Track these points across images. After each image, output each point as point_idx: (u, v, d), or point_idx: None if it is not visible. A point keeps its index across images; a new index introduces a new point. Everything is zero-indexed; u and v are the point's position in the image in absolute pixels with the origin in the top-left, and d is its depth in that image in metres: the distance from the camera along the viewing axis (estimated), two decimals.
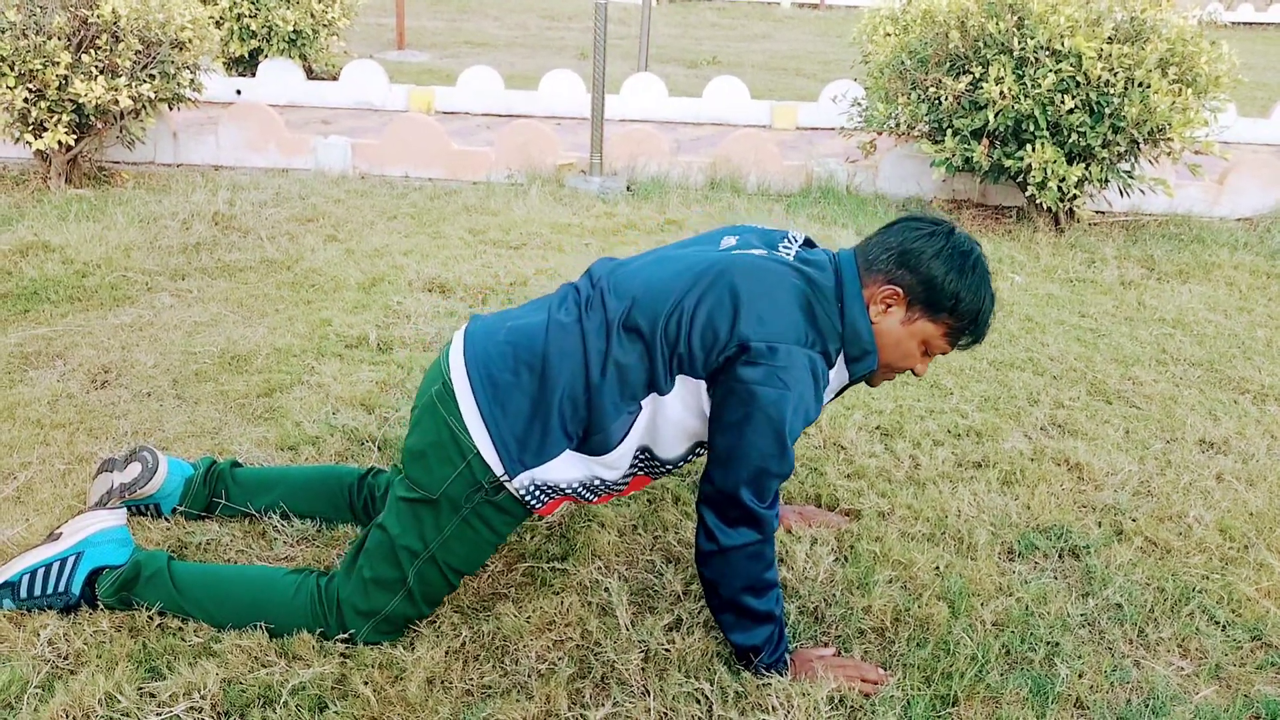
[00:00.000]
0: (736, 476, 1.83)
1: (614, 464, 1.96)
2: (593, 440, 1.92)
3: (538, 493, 1.96)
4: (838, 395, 2.08)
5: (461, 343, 2.01)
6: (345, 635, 1.97)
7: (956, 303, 1.90)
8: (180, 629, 1.98)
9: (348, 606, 1.96)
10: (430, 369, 2.08)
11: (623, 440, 1.92)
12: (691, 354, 1.86)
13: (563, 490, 1.98)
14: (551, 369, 1.90)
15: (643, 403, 1.90)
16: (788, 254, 1.98)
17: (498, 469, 1.92)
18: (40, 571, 1.99)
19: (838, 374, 1.95)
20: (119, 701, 1.79)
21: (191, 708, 1.79)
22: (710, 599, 1.94)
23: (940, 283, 1.89)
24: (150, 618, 1.98)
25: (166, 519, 2.34)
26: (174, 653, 1.92)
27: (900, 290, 1.91)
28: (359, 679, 1.86)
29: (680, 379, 1.88)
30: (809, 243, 2.06)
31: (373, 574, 1.97)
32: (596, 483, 2.00)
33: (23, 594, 1.98)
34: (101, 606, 2.01)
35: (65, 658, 1.91)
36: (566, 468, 1.94)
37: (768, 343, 1.81)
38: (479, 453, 1.92)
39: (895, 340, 1.94)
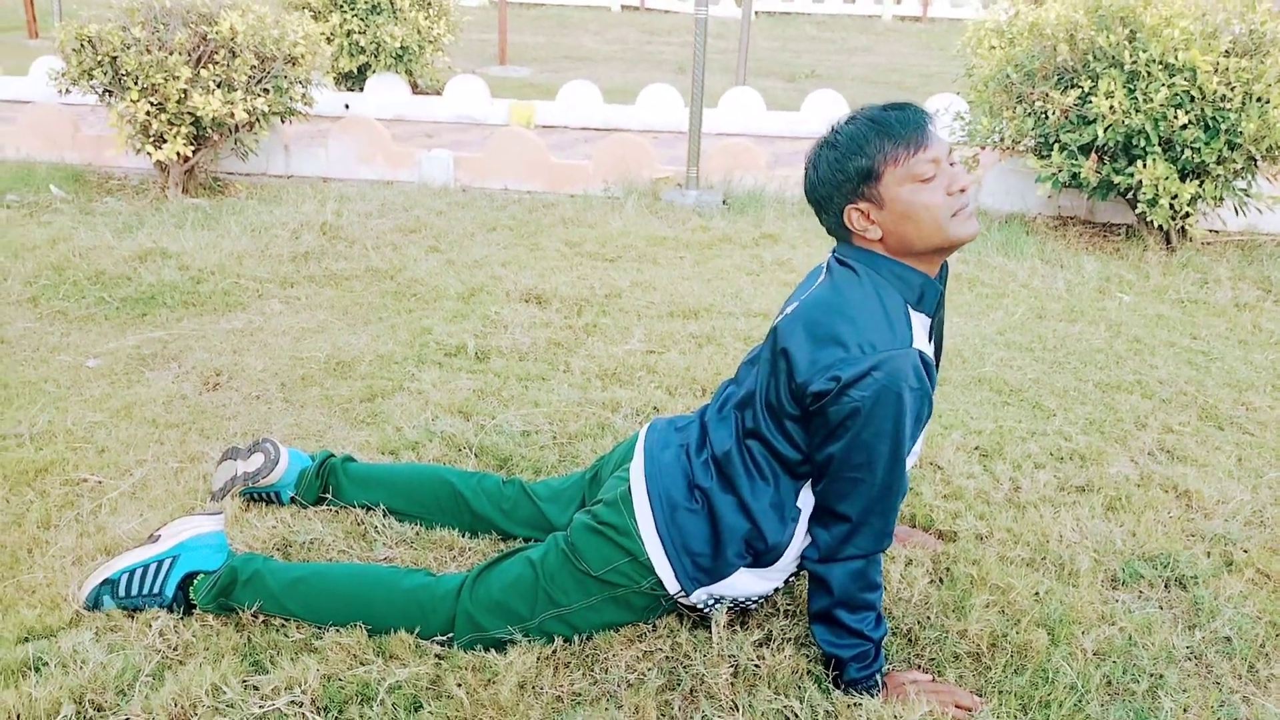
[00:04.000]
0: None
1: (786, 567, 1.99)
2: (765, 557, 1.96)
3: (715, 604, 2.02)
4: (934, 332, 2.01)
5: (642, 458, 2.06)
6: (443, 638, 2.00)
7: (868, 160, 1.79)
8: (283, 625, 2.04)
9: (464, 613, 1.98)
10: (627, 460, 2.14)
11: (790, 545, 1.96)
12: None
13: (740, 603, 2.03)
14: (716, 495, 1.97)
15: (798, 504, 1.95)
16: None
17: (672, 586, 1.97)
18: (138, 572, 2.07)
19: (919, 323, 1.86)
20: (224, 693, 1.85)
21: (293, 702, 1.84)
22: (812, 603, 1.95)
23: (851, 169, 1.80)
24: (254, 615, 2.05)
25: (283, 506, 2.46)
26: (277, 648, 1.98)
27: (853, 209, 1.84)
28: (453, 680, 1.90)
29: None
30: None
31: (503, 599, 1.99)
32: (769, 593, 2.05)
33: (121, 592, 2.06)
34: (199, 612, 2.06)
35: (175, 649, 1.98)
36: (744, 582, 1.99)
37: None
38: (654, 568, 1.97)
39: (900, 231, 1.82)
